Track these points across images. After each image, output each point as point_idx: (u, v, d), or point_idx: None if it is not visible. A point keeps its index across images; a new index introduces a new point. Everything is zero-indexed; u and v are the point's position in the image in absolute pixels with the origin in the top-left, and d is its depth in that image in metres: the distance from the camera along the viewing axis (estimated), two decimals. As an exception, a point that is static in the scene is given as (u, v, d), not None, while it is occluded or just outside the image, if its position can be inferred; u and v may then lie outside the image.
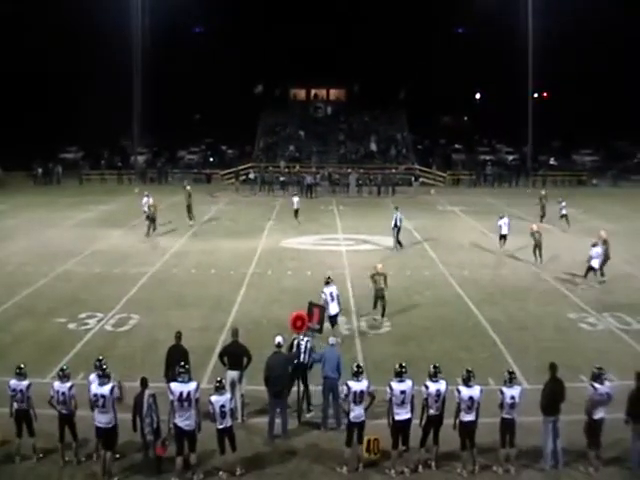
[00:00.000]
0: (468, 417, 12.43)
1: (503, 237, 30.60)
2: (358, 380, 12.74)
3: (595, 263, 24.59)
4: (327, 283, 19.09)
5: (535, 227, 28.83)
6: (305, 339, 14.71)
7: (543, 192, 39.29)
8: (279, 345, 14.25)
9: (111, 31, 56.66)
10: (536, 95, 66.34)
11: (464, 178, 61.36)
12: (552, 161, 66.64)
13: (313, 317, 15.09)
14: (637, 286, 24.95)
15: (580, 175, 62.23)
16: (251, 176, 55.01)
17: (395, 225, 30.63)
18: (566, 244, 31.80)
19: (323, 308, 15.48)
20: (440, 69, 69.98)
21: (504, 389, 12.49)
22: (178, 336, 14.75)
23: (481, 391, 12.52)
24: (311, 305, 15.37)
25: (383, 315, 20.78)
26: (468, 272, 26.73)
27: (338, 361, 14.18)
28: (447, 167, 63.17)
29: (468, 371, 12.64)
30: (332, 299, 18.69)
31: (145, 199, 36.08)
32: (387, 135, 66.78)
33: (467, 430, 12.46)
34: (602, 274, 25.00)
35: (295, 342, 14.64)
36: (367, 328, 20.20)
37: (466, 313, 21.71)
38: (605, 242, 25.58)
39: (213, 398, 12.37)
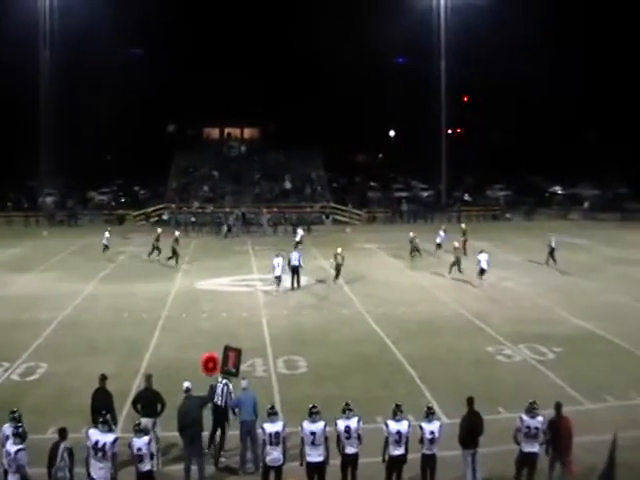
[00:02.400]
0: (397, 452, 12.27)
1: (439, 245, 38.34)
2: (272, 422, 12.46)
3: (485, 265, 29.95)
4: (277, 255, 29.26)
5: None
6: (223, 382, 14.35)
7: (463, 226, 40.01)
8: (187, 390, 13.83)
9: (17, 65, 55.34)
10: (450, 131, 67.96)
11: (380, 215, 62.15)
12: (466, 197, 68.10)
13: (229, 361, 14.70)
14: (547, 316, 25.45)
15: (494, 210, 63.81)
16: (164, 217, 54.33)
17: (289, 263, 30.42)
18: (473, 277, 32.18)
19: (239, 351, 15.07)
20: (354, 107, 71.01)
21: (423, 425, 12.42)
22: (102, 379, 14.34)
23: (409, 425, 12.39)
24: (227, 349, 14.97)
25: (336, 279, 30.87)
26: (384, 309, 26.75)
27: (254, 403, 13.86)
28: (363, 205, 63.81)
29: (397, 405, 12.52)
30: (278, 266, 28.74)
31: (107, 234, 39.05)
32: (302, 174, 66.64)
33: (395, 465, 12.31)
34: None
35: (212, 386, 14.25)
36: (284, 369, 19.91)
37: (383, 350, 21.64)
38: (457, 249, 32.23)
39: (132, 441, 12.03)
